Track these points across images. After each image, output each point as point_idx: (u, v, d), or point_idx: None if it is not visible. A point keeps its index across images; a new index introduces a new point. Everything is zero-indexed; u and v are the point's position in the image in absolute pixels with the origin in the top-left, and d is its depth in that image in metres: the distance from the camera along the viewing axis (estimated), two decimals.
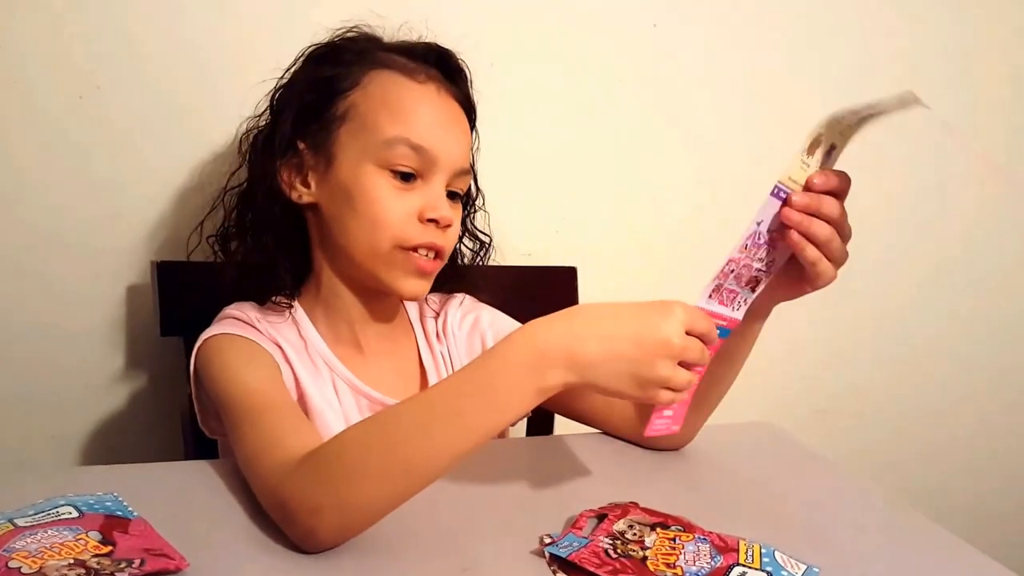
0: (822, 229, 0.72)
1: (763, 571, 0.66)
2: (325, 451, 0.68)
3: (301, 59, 0.93)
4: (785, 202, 0.71)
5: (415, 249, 0.86)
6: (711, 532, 0.72)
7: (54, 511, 0.65)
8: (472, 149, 0.96)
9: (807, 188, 0.71)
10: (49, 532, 0.61)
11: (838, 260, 0.74)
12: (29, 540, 0.60)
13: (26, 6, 1.01)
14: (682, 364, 0.68)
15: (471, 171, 0.95)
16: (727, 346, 0.78)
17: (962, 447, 1.71)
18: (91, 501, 0.67)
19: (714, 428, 0.93)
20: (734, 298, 0.75)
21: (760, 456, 0.96)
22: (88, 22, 1.03)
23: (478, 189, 1.02)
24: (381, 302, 0.94)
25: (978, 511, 1.69)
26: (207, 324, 0.91)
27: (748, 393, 0.89)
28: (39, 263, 1.08)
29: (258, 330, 0.89)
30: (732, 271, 0.73)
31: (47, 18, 1.02)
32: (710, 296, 0.73)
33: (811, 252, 0.72)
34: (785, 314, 0.82)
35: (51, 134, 1.05)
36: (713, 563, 0.67)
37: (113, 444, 1.16)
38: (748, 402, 0.94)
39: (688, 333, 0.68)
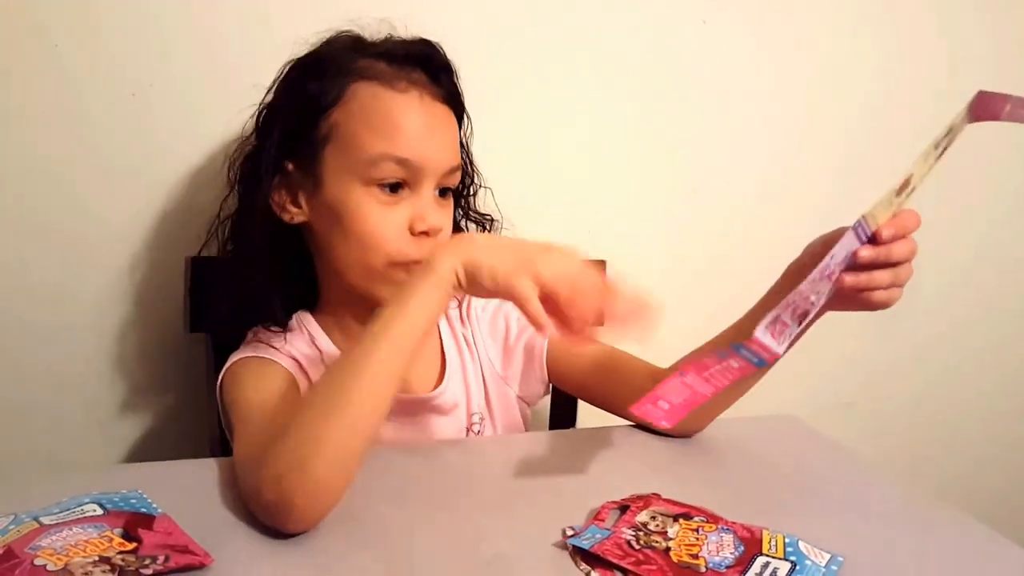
0: (883, 278, 0.72)
1: (787, 560, 0.66)
2: (285, 427, 0.69)
3: (282, 74, 0.91)
4: (861, 241, 0.70)
5: (409, 265, 0.86)
6: (734, 522, 0.71)
7: (79, 509, 0.65)
8: (464, 136, 0.95)
9: (875, 238, 0.70)
10: (74, 530, 0.62)
11: (903, 286, 0.75)
12: (54, 538, 0.61)
13: (79, 4, 1.02)
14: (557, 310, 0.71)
15: (461, 166, 0.93)
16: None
17: (988, 440, 1.68)
18: (116, 499, 0.68)
19: (737, 421, 0.92)
20: (783, 331, 0.72)
21: (783, 448, 0.95)
22: (140, 20, 1.04)
23: (473, 172, 1.00)
24: None
25: (1012, 501, 1.67)
26: (234, 320, 0.92)
27: (771, 386, 0.88)
28: (68, 257, 1.09)
29: (277, 348, 0.90)
30: (793, 302, 0.71)
31: (100, 15, 1.03)
32: (767, 327, 0.71)
33: (873, 297, 0.74)
34: None
35: (103, 130, 1.06)
36: (736, 553, 0.67)
37: (139, 440, 1.17)
38: (771, 395, 0.93)
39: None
